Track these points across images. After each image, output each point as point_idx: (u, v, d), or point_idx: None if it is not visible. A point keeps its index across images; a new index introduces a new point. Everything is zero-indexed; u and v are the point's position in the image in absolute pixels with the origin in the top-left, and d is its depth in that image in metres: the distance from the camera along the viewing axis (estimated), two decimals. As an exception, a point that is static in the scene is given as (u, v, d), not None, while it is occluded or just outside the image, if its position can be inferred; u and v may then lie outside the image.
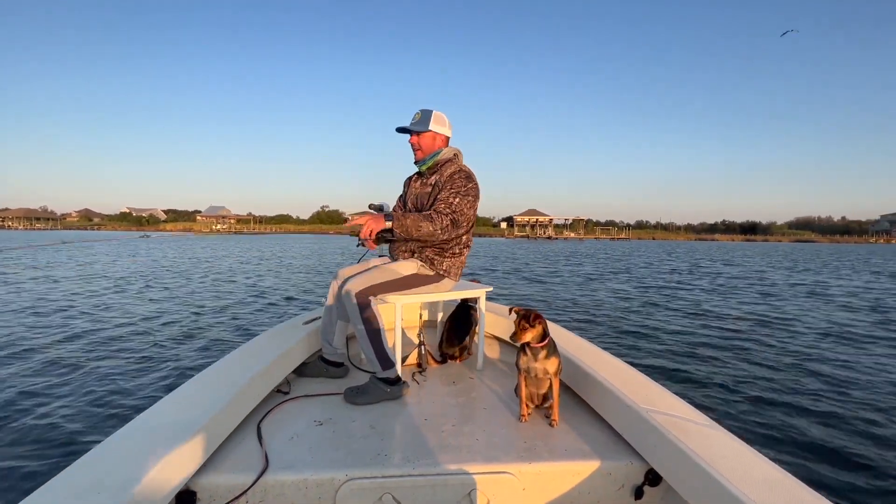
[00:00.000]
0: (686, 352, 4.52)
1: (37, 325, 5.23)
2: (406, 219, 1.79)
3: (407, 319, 2.90)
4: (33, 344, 4.38)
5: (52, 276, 10.04)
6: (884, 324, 6.18)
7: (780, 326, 5.88)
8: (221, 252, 20.68)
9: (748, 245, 65.64)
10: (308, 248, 27.00)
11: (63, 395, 3.07)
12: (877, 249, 49.75)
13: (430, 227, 1.82)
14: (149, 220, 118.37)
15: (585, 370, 1.69)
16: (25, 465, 2.19)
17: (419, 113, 2.02)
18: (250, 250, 22.92)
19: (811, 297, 8.86)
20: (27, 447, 2.37)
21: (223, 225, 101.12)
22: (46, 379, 3.38)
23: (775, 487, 0.98)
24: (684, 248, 40.75)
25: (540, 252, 26.66)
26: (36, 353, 4.06)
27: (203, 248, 23.21)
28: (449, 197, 1.89)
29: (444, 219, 1.85)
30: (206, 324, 5.53)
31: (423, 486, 1.26)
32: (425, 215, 1.84)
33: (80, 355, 4.04)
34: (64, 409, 2.85)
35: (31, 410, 2.82)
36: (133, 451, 1.10)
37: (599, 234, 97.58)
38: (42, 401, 2.97)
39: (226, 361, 1.77)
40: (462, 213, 1.89)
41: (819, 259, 24.70)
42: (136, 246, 22.31)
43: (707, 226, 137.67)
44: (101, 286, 8.57)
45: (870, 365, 4.12)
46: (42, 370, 3.60)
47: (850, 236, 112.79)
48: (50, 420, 2.69)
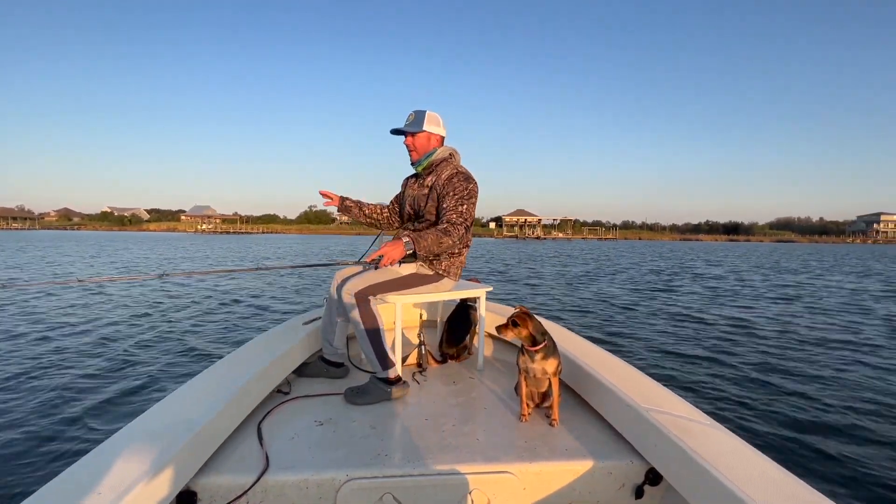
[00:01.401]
0: (686, 351, 4.52)
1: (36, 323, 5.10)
2: (425, 239, 1.77)
3: (407, 319, 2.88)
4: (33, 344, 4.30)
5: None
6: (882, 325, 6.21)
7: (780, 326, 5.91)
8: (229, 253, 19.99)
9: (733, 245, 66.64)
10: (307, 248, 26.44)
11: (63, 395, 3.04)
12: (853, 250, 50.84)
13: (449, 241, 1.83)
14: (131, 219, 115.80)
15: (585, 370, 1.70)
16: (26, 465, 2.19)
17: (413, 114, 2.00)
18: (246, 250, 22.23)
19: (810, 297, 8.92)
20: (27, 447, 2.36)
21: (208, 225, 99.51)
22: (47, 378, 3.35)
23: (775, 486, 0.98)
24: (670, 248, 41.28)
25: (535, 252, 26.73)
26: (35, 354, 4.00)
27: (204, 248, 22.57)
28: (457, 206, 1.87)
29: (460, 229, 1.86)
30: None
31: (424, 485, 1.25)
32: (442, 230, 1.83)
33: (80, 355, 3.99)
34: (64, 409, 2.83)
35: (32, 410, 2.80)
36: (133, 451, 1.09)
37: (587, 235, 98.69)
38: (42, 401, 2.94)
39: (226, 362, 1.75)
40: (472, 219, 1.92)
41: (818, 260, 24.68)
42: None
43: (691, 226, 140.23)
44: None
45: (869, 364, 4.14)
46: (42, 369, 3.55)
47: (828, 236, 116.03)
48: (50, 420, 2.67)
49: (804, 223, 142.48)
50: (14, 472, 2.13)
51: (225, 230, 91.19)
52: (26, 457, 2.26)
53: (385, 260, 1.70)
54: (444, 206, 1.89)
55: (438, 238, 1.80)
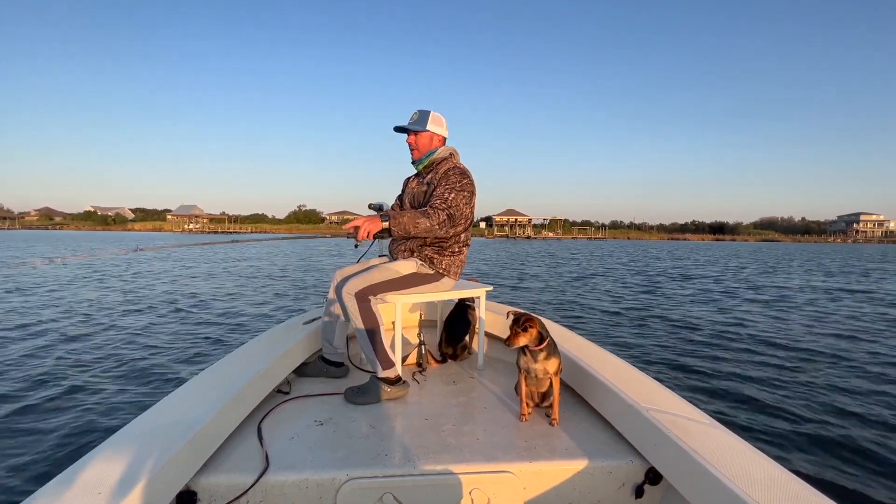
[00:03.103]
0: (686, 351, 4.49)
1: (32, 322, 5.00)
2: (402, 217, 1.77)
3: (407, 319, 2.88)
4: (33, 342, 4.24)
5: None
6: (881, 321, 6.22)
7: (780, 327, 5.85)
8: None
9: (719, 245, 67.38)
10: (304, 250, 26.01)
11: (63, 395, 3.02)
12: (835, 249, 51.60)
13: (426, 222, 1.80)
14: (115, 219, 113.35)
15: (586, 369, 1.70)
16: (26, 465, 2.17)
17: (417, 113, 2.01)
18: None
19: (811, 298, 8.94)
20: (27, 447, 2.34)
21: (196, 224, 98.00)
22: (46, 378, 3.32)
23: (776, 486, 0.98)
24: (659, 248, 41.65)
25: (530, 252, 26.75)
26: (35, 353, 3.95)
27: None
28: (444, 193, 1.88)
29: (441, 214, 1.83)
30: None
31: (424, 485, 1.25)
32: (421, 211, 1.83)
33: (78, 356, 3.93)
34: (64, 409, 2.81)
35: (32, 410, 2.78)
36: (133, 451, 1.09)
37: (577, 234, 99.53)
38: (42, 401, 2.92)
39: (226, 361, 1.74)
40: (458, 209, 1.88)
41: (816, 261, 24.40)
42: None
43: (678, 226, 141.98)
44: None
45: (869, 364, 4.13)
46: (41, 370, 3.52)
47: (810, 236, 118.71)
48: (50, 420, 2.65)
49: (787, 223, 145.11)
50: (14, 472, 2.11)
51: (213, 230, 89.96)
52: (26, 457, 2.24)
53: (361, 232, 1.72)
54: (434, 193, 1.90)
55: (415, 217, 1.78)
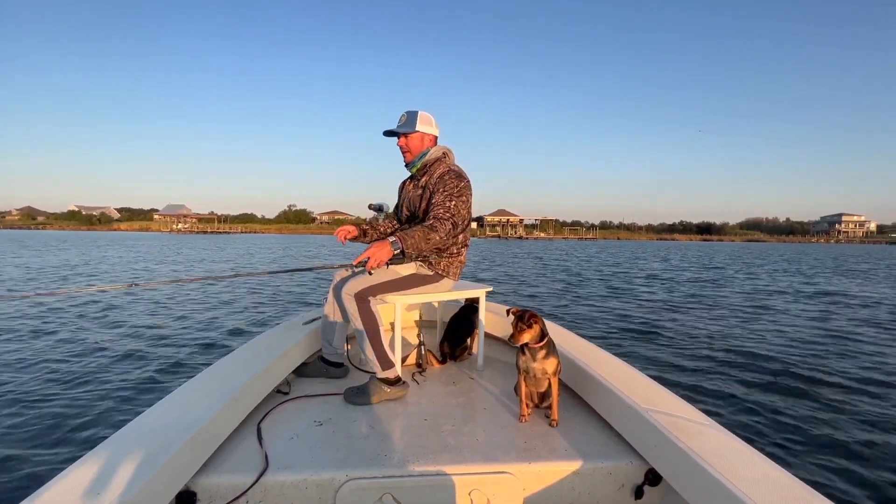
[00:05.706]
0: (686, 351, 4.50)
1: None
2: (412, 237, 1.71)
3: (406, 319, 2.88)
4: (32, 343, 4.19)
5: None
6: (880, 325, 6.19)
7: (780, 327, 5.87)
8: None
9: (706, 245, 68.23)
10: (302, 251, 25.67)
11: (63, 395, 3.00)
12: (818, 249, 52.35)
13: (436, 236, 1.78)
14: (100, 219, 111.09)
15: (585, 370, 1.70)
16: (26, 465, 2.16)
17: (405, 115, 1.97)
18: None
19: (811, 297, 8.97)
20: (28, 447, 2.32)
21: (184, 224, 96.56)
22: (46, 378, 3.30)
23: (775, 487, 0.98)
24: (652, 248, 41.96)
25: (525, 252, 26.74)
26: (34, 353, 3.92)
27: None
28: (445, 201, 1.84)
29: (446, 224, 1.81)
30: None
31: (423, 486, 1.26)
32: (428, 226, 1.78)
33: (78, 355, 3.90)
34: (64, 409, 2.80)
35: (32, 410, 2.76)
36: (133, 451, 1.08)
37: (568, 234, 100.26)
38: (42, 401, 2.90)
39: (226, 361, 1.73)
40: (460, 215, 1.87)
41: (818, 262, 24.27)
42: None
43: (666, 226, 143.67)
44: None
45: (869, 363, 4.14)
46: (41, 370, 3.50)
47: (794, 236, 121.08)
48: (50, 420, 2.64)
49: (772, 223, 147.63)
50: (13, 472, 2.09)
51: (202, 230, 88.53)
52: (25, 457, 2.22)
53: (372, 262, 1.61)
54: (433, 201, 1.87)
55: (425, 234, 1.74)
